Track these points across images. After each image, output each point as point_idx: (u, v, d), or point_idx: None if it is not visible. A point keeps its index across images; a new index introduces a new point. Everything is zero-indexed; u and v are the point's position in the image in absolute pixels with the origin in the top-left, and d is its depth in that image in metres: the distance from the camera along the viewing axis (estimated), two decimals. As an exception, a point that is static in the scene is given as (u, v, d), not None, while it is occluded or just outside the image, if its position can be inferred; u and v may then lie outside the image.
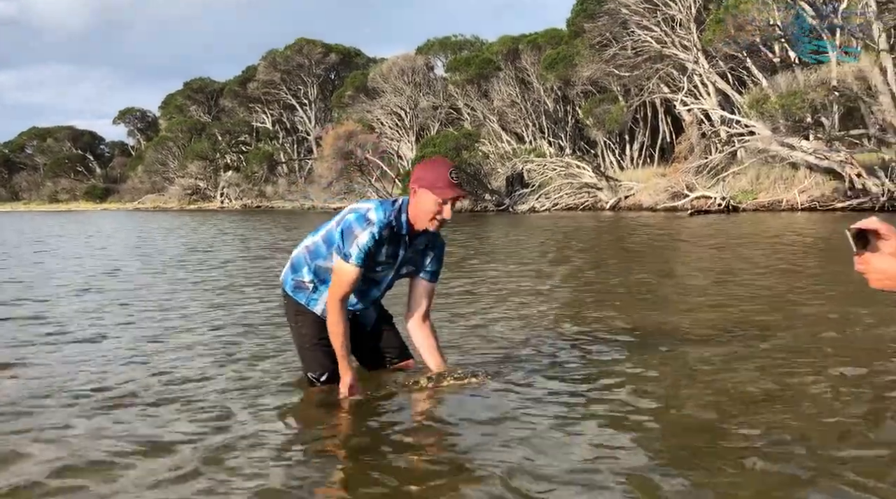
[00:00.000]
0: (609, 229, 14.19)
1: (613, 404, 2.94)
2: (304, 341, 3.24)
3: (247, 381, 3.44)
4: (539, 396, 3.06)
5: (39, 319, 5.28)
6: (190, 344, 4.27)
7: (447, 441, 2.63)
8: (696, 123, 21.67)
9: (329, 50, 39.55)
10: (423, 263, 3.23)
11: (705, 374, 3.34)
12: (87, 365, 3.83)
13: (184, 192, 42.05)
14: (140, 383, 3.45)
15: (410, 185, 3.08)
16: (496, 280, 6.91)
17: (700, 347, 3.85)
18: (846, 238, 1.89)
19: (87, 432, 2.80)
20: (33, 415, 3.03)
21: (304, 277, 3.23)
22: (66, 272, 8.62)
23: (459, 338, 4.23)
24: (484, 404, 2.96)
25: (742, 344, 3.87)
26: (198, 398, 3.18)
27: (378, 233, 3.01)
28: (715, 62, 20.46)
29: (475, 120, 29.78)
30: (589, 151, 27.43)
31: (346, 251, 3.00)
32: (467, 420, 2.78)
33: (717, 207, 17.66)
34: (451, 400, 3.02)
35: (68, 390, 3.34)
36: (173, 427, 2.82)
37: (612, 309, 5.08)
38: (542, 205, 22.56)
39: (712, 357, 3.62)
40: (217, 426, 2.82)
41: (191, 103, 47.31)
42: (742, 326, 4.29)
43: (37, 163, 60.73)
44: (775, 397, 2.97)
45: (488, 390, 3.11)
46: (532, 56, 27.28)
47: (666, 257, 8.90)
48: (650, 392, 3.08)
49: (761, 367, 3.41)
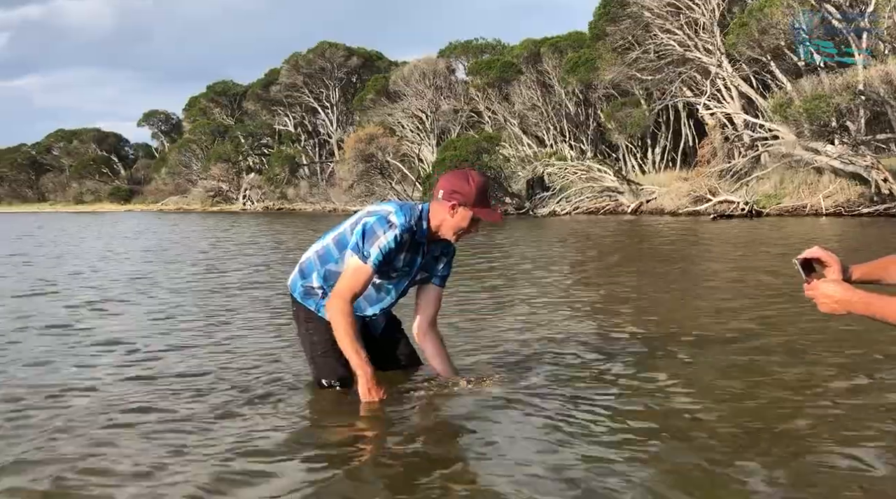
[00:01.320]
0: (630, 234, 14.12)
1: (625, 413, 2.94)
2: (316, 349, 3.19)
3: (259, 381, 3.47)
4: (551, 403, 3.05)
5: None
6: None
7: (457, 448, 2.62)
8: (719, 127, 21.49)
9: (351, 53, 39.72)
10: (436, 268, 3.21)
11: (730, 385, 3.32)
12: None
13: (206, 194, 42.38)
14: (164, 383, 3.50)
15: (443, 197, 3.00)
16: (510, 284, 6.90)
17: (723, 355, 3.83)
18: (795, 267, 2.09)
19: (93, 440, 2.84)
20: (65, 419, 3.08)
21: (314, 283, 3.17)
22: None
23: (469, 343, 4.23)
24: (492, 410, 2.94)
25: (762, 353, 3.84)
26: (209, 397, 3.22)
27: (400, 236, 2.96)
28: (738, 66, 20.29)
29: (496, 123, 29.76)
30: (610, 155, 27.30)
31: (367, 251, 2.94)
32: (476, 426, 2.77)
33: (740, 211, 17.50)
34: (461, 406, 3.00)
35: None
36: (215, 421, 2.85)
37: (630, 314, 5.07)
38: (563, 208, 22.48)
39: (735, 367, 3.60)
40: (227, 425, 2.86)
41: (214, 106, 47.72)
42: (766, 335, 4.25)
43: (63, 164, 61.52)
44: (795, 412, 2.94)
45: (497, 396, 3.08)
46: (554, 59, 27.23)
47: (688, 262, 8.84)
48: (661, 402, 3.06)
49: (782, 380, 3.38)
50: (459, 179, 3.03)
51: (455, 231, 3.04)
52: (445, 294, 3.37)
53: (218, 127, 44.85)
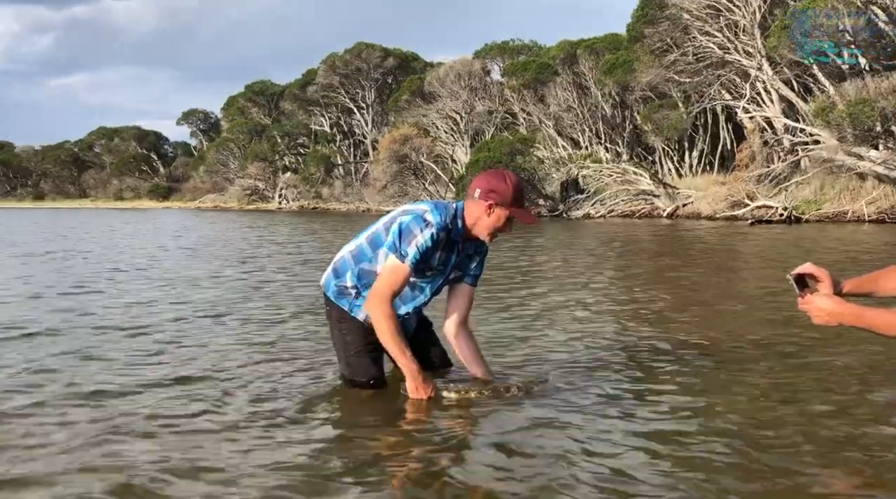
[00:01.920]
0: (666, 237, 13.97)
1: (656, 421, 2.91)
2: (350, 349, 3.20)
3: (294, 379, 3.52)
4: (582, 407, 3.04)
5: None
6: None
7: (487, 452, 2.60)
8: (759, 131, 21.15)
9: (387, 54, 39.93)
10: (469, 267, 3.21)
11: (767, 396, 3.28)
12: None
13: (243, 192, 42.94)
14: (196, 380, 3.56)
15: (479, 196, 3.02)
16: (553, 289, 6.88)
17: (757, 363, 3.78)
18: (789, 283, 2.25)
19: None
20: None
21: (348, 283, 3.17)
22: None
23: (502, 344, 4.23)
24: (523, 414, 2.94)
25: (801, 364, 3.78)
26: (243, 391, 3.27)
27: (437, 234, 2.97)
28: (779, 69, 19.95)
29: (531, 125, 29.67)
30: (646, 158, 27.03)
31: (404, 250, 2.95)
32: (506, 430, 2.77)
33: (779, 217, 17.21)
34: (493, 409, 3.00)
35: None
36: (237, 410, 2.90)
37: (666, 320, 5.02)
38: (597, 211, 22.33)
39: (774, 378, 3.55)
40: (262, 419, 2.90)
41: (252, 105, 48.32)
42: (801, 346, 4.18)
43: (104, 161, 62.87)
44: (839, 433, 2.89)
45: (529, 400, 3.08)
46: (590, 61, 27.05)
47: (725, 267, 8.72)
48: (695, 411, 3.03)
49: (826, 391, 3.33)
50: (496, 179, 3.04)
51: (490, 231, 3.05)
52: (488, 298, 3.38)
53: (255, 126, 45.41)
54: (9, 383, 3.50)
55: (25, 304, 6.07)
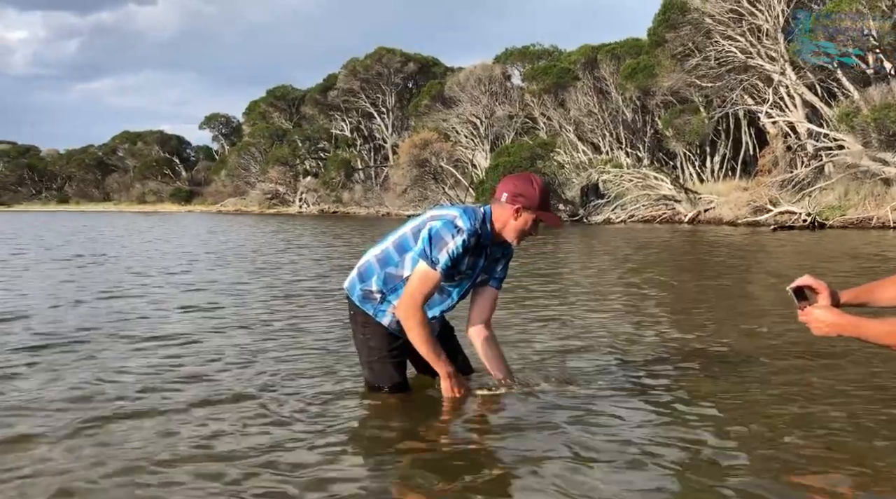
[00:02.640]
0: (687, 243, 13.90)
1: (669, 425, 2.92)
2: (373, 354, 3.20)
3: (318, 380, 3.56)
4: (596, 409, 3.06)
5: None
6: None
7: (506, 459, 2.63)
8: (782, 136, 20.96)
9: (408, 59, 40.06)
10: (495, 270, 3.24)
11: (781, 406, 3.27)
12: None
13: (264, 196, 43.24)
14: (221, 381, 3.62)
15: (507, 200, 3.06)
16: (559, 291, 6.88)
17: (773, 373, 3.77)
18: (788, 295, 2.34)
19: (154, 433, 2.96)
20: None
21: (373, 287, 3.17)
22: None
23: (517, 346, 4.25)
24: (540, 415, 2.97)
25: (816, 376, 3.77)
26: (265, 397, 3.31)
27: (468, 239, 2.99)
28: (803, 73, 19.77)
29: (551, 129, 29.62)
30: (668, 163, 26.88)
31: (435, 257, 2.97)
32: (527, 430, 2.81)
33: (802, 223, 17.04)
34: (514, 415, 3.03)
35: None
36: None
37: (682, 325, 5.01)
38: (618, 216, 22.24)
39: (788, 388, 3.54)
40: (280, 427, 2.94)
41: (273, 110, 48.66)
42: (820, 355, 4.16)
43: (127, 165, 63.59)
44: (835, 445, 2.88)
45: (543, 403, 3.11)
46: (611, 66, 26.97)
47: (746, 274, 8.67)
48: (706, 416, 3.04)
49: (834, 404, 3.31)
50: (524, 183, 3.08)
51: (518, 234, 3.09)
52: (514, 302, 3.40)
53: (276, 131, 45.72)
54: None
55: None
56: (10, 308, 5.93)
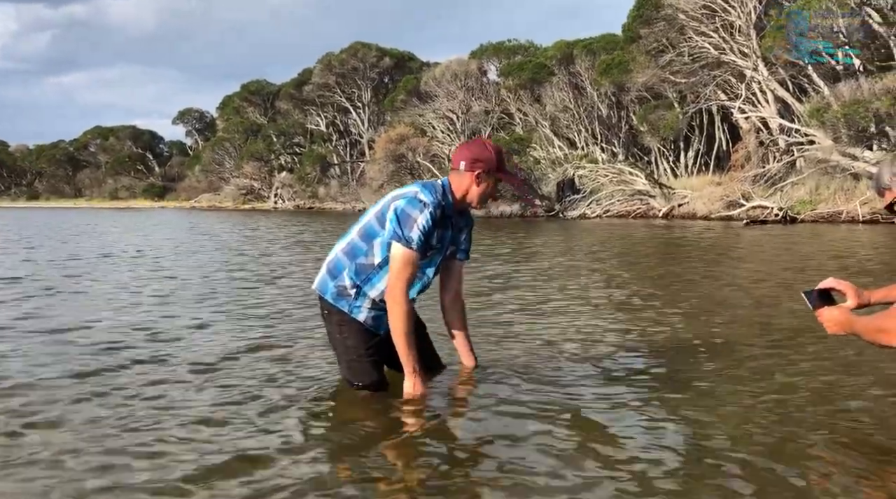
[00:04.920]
0: (660, 237, 14.02)
1: (644, 422, 2.95)
2: (351, 353, 3.15)
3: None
4: (575, 406, 3.08)
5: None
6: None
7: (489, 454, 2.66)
8: (754, 131, 21.23)
9: (384, 54, 39.93)
10: (460, 240, 3.27)
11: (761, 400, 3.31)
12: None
13: (238, 191, 42.91)
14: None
15: (466, 168, 3.10)
16: (534, 286, 6.91)
17: (750, 360, 3.81)
18: (802, 299, 2.38)
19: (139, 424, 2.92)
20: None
21: (346, 282, 3.13)
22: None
23: (495, 344, 4.26)
24: (519, 422, 2.99)
25: (789, 362, 3.82)
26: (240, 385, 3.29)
27: (434, 212, 3.01)
28: (774, 69, 20.02)
29: (527, 125, 29.71)
30: (642, 158, 27.11)
31: (408, 236, 2.96)
32: (501, 433, 2.81)
33: (774, 217, 17.28)
34: (493, 416, 3.05)
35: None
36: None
37: (657, 319, 5.06)
38: (593, 211, 22.38)
39: (774, 377, 3.58)
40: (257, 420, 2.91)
41: (248, 105, 48.24)
42: (794, 344, 4.22)
43: (99, 161, 62.79)
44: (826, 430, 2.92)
45: (527, 401, 3.13)
46: (587, 61, 27.11)
47: (718, 266, 8.77)
48: (682, 414, 3.07)
49: (815, 390, 3.36)
50: (479, 148, 3.14)
51: (482, 198, 3.15)
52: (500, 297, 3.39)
53: (251, 126, 45.37)
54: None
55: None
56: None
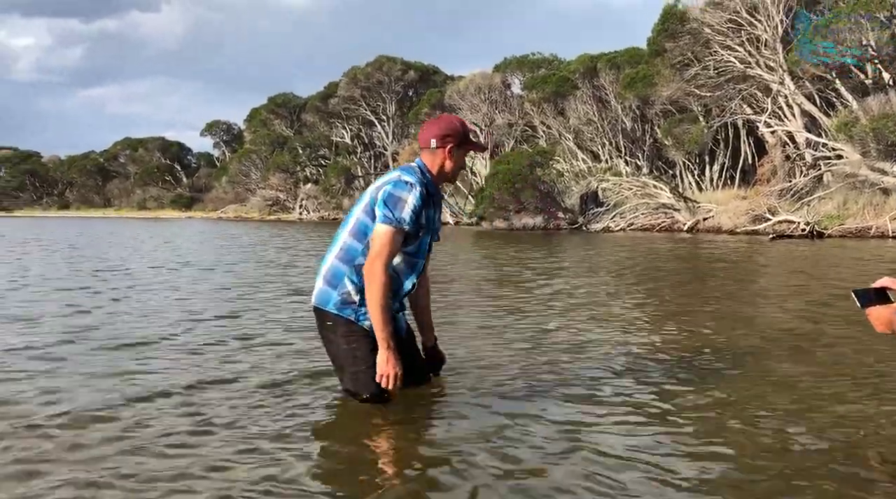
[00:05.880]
0: (685, 251, 13.91)
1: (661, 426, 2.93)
2: (359, 364, 3.10)
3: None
4: (594, 412, 3.07)
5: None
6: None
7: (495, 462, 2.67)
8: (780, 146, 21.01)
9: (408, 67, 40.21)
10: (436, 220, 3.30)
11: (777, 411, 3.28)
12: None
13: (264, 202, 43.34)
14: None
15: (437, 145, 3.16)
16: (557, 296, 6.89)
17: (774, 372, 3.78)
18: (851, 298, 2.38)
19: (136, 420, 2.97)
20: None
21: (348, 288, 3.10)
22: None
23: (507, 352, 4.26)
24: (532, 426, 2.99)
25: (820, 380, 3.78)
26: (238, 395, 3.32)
27: (422, 191, 3.06)
28: (801, 83, 19.83)
29: (550, 138, 29.69)
30: (667, 172, 26.94)
31: (399, 217, 2.99)
32: (510, 438, 2.81)
33: (801, 232, 17.06)
34: (504, 423, 3.06)
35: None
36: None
37: (680, 331, 5.02)
38: (617, 224, 22.26)
39: (795, 388, 3.55)
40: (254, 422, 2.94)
41: (274, 117, 48.80)
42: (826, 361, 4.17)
43: (128, 171, 63.73)
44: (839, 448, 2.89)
45: (526, 401, 3.12)
46: (611, 75, 27.07)
47: (745, 281, 8.68)
48: (697, 423, 3.05)
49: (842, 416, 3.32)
50: (445, 124, 3.21)
51: (457, 171, 3.22)
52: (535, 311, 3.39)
53: (277, 138, 45.85)
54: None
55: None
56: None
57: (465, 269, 10.16)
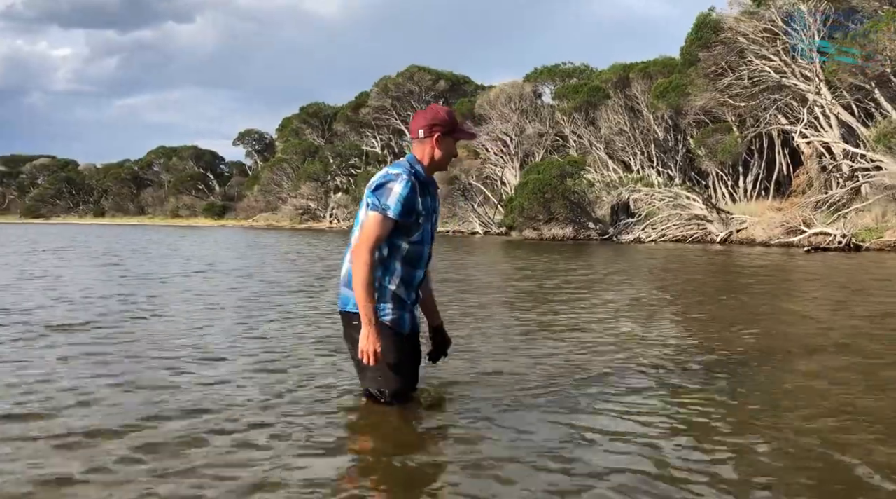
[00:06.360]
0: (721, 263, 13.71)
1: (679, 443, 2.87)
2: (381, 362, 3.15)
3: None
4: (617, 421, 3.02)
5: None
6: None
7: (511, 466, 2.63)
8: (816, 156, 20.66)
9: (439, 77, 40.40)
10: (436, 207, 3.40)
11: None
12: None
13: (295, 211, 43.72)
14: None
15: (425, 135, 3.23)
16: (588, 307, 6.82)
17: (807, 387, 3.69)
18: None
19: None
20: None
21: None
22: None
23: (534, 360, 4.22)
24: (540, 423, 2.94)
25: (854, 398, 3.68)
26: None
27: (409, 179, 3.14)
28: (839, 93, 19.50)
29: (581, 147, 29.55)
30: (700, 182, 26.65)
31: (385, 204, 3.10)
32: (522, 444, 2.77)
33: (837, 244, 16.73)
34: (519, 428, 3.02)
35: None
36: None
37: (709, 342, 4.94)
38: (648, 236, 22.04)
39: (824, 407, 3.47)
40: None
41: (306, 127, 49.29)
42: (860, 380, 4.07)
43: (162, 180, 64.75)
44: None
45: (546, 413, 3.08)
46: (643, 84, 26.90)
47: (779, 293, 8.52)
48: (723, 437, 2.98)
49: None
50: (432, 113, 3.28)
51: (447, 159, 3.29)
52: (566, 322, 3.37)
53: (309, 147, 46.28)
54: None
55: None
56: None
57: (495, 278, 10.11)
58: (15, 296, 7.74)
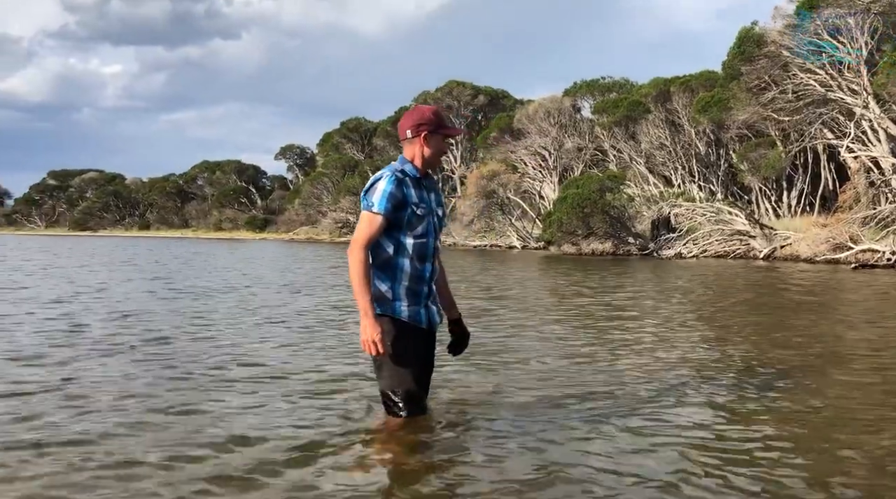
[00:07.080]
0: (766, 280, 13.49)
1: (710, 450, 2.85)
2: (399, 360, 3.25)
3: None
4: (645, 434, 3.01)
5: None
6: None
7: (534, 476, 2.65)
8: (864, 171, 20.21)
9: (478, 92, 40.58)
10: (441, 203, 3.50)
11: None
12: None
13: (335, 225, 44.18)
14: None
15: (412, 135, 3.33)
16: (622, 323, 6.79)
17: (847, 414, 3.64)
18: None
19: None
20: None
21: (380, 287, 3.28)
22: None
23: (565, 372, 4.22)
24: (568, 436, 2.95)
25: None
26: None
27: (394, 176, 3.25)
28: (888, 107, 19.07)
29: (621, 162, 29.37)
30: (742, 197, 26.27)
31: (370, 201, 3.23)
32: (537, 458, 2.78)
33: (886, 262, 16.32)
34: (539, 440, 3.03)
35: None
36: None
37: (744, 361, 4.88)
38: (690, 251, 21.76)
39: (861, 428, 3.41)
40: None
41: (346, 141, 49.85)
42: None
43: (206, 193, 66.03)
44: None
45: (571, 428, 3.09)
46: (684, 98, 26.66)
47: (823, 313, 8.36)
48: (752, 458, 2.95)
49: None
50: (417, 114, 3.38)
51: (437, 157, 3.38)
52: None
53: (349, 161, 46.80)
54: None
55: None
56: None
57: (552, 298, 10.08)
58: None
